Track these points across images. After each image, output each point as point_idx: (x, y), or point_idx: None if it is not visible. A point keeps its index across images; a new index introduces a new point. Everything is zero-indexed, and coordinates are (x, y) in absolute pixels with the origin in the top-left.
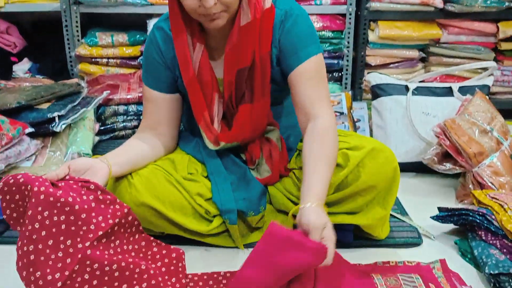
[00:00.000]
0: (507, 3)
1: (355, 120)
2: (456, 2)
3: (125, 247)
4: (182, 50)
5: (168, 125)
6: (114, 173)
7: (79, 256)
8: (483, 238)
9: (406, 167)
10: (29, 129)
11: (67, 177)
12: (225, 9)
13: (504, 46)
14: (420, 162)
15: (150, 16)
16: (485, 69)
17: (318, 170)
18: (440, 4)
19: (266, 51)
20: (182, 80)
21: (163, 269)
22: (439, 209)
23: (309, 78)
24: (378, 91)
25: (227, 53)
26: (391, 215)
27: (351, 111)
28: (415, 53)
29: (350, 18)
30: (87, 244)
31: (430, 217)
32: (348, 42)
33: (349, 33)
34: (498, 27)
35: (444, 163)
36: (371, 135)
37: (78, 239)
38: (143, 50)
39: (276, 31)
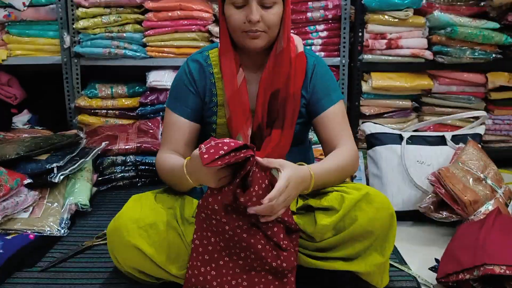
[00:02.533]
0: (494, 55)
1: None
2: (445, 53)
3: None
4: (228, 65)
5: (190, 151)
6: None
7: None
8: None
9: (404, 216)
10: (27, 180)
11: None
12: (266, 30)
13: (494, 95)
14: (417, 210)
15: (149, 68)
16: (476, 118)
17: (325, 160)
18: (430, 56)
19: (299, 87)
20: (210, 107)
21: None
22: (437, 260)
23: (338, 118)
24: (373, 140)
25: (263, 79)
26: (390, 264)
27: None
28: (408, 103)
29: (343, 70)
30: None
31: (429, 268)
32: (342, 93)
33: (343, 84)
34: (487, 78)
35: (441, 211)
36: (368, 184)
37: None
38: (142, 101)
39: (309, 73)
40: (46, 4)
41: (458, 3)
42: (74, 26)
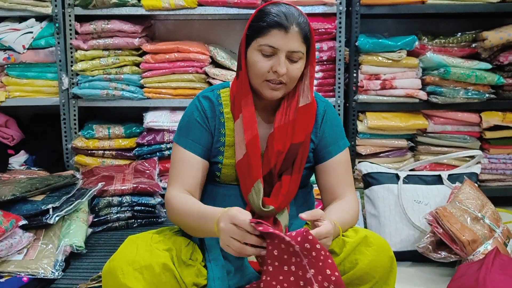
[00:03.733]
0: (487, 95)
1: None
2: (439, 94)
3: None
4: (249, 109)
5: (199, 191)
6: None
7: None
8: None
9: (402, 256)
10: (22, 221)
11: None
12: (288, 82)
13: (489, 135)
14: (416, 250)
15: (146, 109)
16: (472, 157)
17: (336, 210)
18: (424, 96)
19: (309, 133)
20: (218, 146)
21: None
22: None
23: (343, 166)
24: (369, 180)
25: (280, 126)
26: None
27: None
28: (403, 143)
29: (339, 110)
30: None
31: None
32: None
33: None
34: (481, 117)
35: (439, 251)
36: (365, 224)
37: None
38: (139, 142)
39: (319, 118)
40: (46, 47)
41: (450, 45)
42: (72, 68)
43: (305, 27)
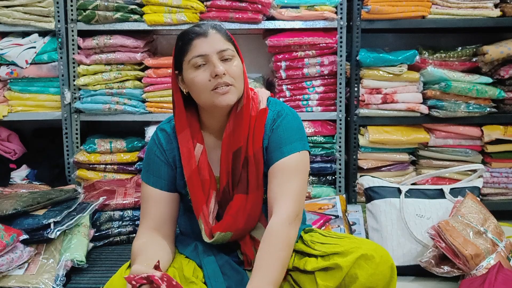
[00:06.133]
0: (488, 109)
1: (351, 223)
2: (440, 107)
3: None
4: (185, 144)
5: (170, 224)
6: None
7: None
8: None
9: (405, 271)
10: (24, 236)
11: None
12: (233, 83)
13: (490, 148)
14: (418, 265)
15: (148, 123)
16: (474, 171)
17: (263, 264)
18: (425, 110)
19: (259, 146)
20: (181, 178)
21: None
22: None
23: (284, 173)
24: (371, 194)
25: (224, 139)
26: None
27: (346, 214)
28: (405, 157)
29: (340, 124)
30: None
31: None
32: (340, 147)
33: (340, 138)
34: (482, 131)
35: (442, 266)
36: (367, 238)
37: None
38: (140, 156)
39: (268, 127)
40: (48, 62)
41: (451, 59)
42: (75, 83)
43: (221, 29)
